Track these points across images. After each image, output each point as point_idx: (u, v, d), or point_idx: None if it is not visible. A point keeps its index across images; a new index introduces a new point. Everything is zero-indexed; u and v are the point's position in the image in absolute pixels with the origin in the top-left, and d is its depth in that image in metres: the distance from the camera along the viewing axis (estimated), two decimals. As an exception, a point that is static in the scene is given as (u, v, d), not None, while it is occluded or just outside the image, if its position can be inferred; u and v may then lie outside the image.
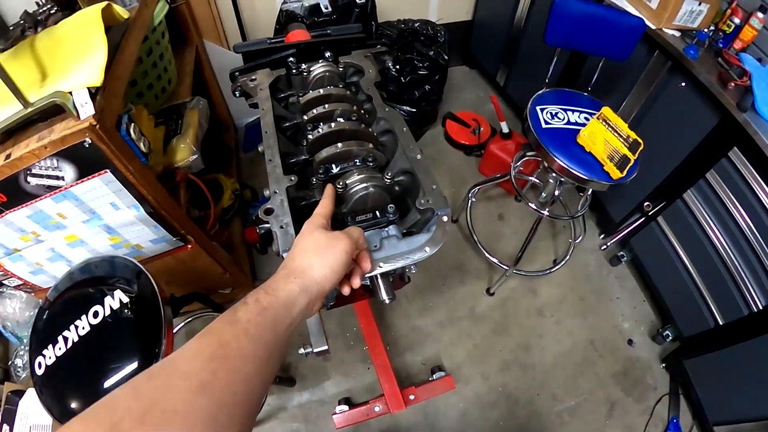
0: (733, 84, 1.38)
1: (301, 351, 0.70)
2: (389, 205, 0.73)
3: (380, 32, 2.12)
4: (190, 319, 1.87)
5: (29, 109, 0.88)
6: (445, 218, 0.72)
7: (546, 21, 1.57)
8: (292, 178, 0.75)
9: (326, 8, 1.86)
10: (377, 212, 0.74)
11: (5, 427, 1.37)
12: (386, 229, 0.73)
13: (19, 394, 1.42)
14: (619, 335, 1.92)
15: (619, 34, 1.54)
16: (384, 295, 0.69)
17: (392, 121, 0.87)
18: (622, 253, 2.06)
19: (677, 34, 1.59)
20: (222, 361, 0.40)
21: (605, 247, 2.14)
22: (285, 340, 0.48)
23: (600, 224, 2.24)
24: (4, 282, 1.29)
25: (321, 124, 0.83)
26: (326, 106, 0.85)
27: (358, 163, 0.79)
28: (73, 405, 0.94)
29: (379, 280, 0.69)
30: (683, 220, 1.63)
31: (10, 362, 1.84)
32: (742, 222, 1.41)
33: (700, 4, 1.53)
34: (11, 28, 1.34)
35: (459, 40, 2.83)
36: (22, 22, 1.32)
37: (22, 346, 1.83)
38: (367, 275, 0.66)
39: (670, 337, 1.82)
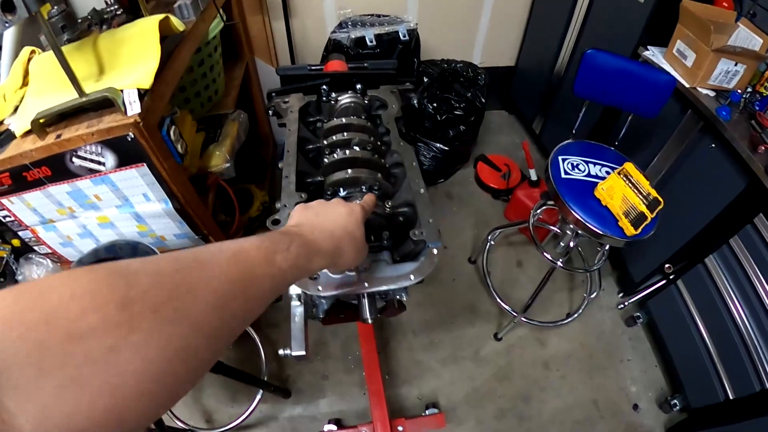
0: (763, 148, 1.35)
1: (281, 352, 0.74)
2: (384, 231, 0.78)
3: (421, 69, 2.21)
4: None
5: (83, 99, 0.98)
6: (435, 251, 0.76)
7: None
8: (303, 195, 0.81)
9: (371, 42, 1.96)
10: (372, 237, 0.78)
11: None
12: (379, 254, 0.78)
13: None
14: (625, 398, 1.86)
15: (647, 91, 1.55)
16: (366, 315, 0.73)
17: (404, 155, 0.93)
18: (638, 314, 2.02)
19: (712, 93, 1.58)
20: (244, 296, 0.42)
21: (622, 306, 2.10)
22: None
23: (620, 282, 2.20)
24: (35, 248, 1.41)
25: (338, 149, 0.90)
26: (345, 134, 0.92)
27: (364, 190, 0.84)
28: None
29: (365, 300, 0.74)
30: (703, 286, 1.60)
31: None
32: (763, 293, 1.37)
33: (736, 65, 1.52)
34: (79, 21, 1.49)
35: (501, 84, 2.89)
36: (89, 17, 1.47)
37: None
38: (352, 292, 0.71)
39: (678, 407, 1.75)
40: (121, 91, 1.01)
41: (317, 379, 1.83)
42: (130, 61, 1.10)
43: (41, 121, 1.00)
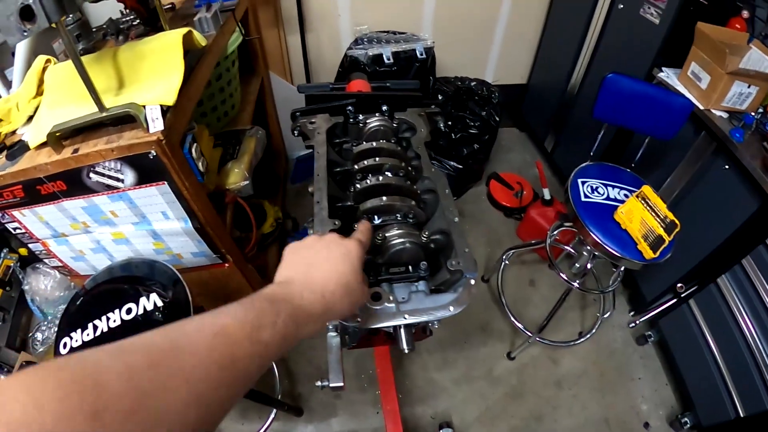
0: None
1: (318, 383, 0.73)
2: (422, 261, 0.77)
3: (437, 87, 2.22)
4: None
5: (104, 114, 0.96)
6: (472, 281, 0.75)
7: (595, 95, 1.62)
8: (336, 222, 0.80)
9: (388, 59, 1.98)
10: (410, 267, 0.78)
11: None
12: (416, 283, 0.77)
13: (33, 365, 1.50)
14: (636, 417, 1.85)
15: (665, 114, 1.57)
16: (404, 345, 0.72)
17: (436, 181, 0.92)
18: (649, 332, 2.01)
19: (725, 115, 1.59)
20: (228, 383, 0.38)
21: (633, 324, 2.10)
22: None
23: (631, 301, 2.20)
24: (45, 260, 1.38)
25: (370, 175, 0.89)
26: (377, 158, 0.92)
27: (398, 218, 0.84)
28: None
29: (402, 331, 0.73)
30: (715, 306, 1.60)
31: (30, 334, 1.91)
32: None
33: (749, 87, 1.54)
34: (94, 30, 1.46)
35: (512, 102, 2.91)
36: (104, 27, 1.45)
37: (45, 323, 1.90)
38: (392, 324, 0.70)
39: (689, 425, 1.75)
40: (143, 107, 0.99)
41: (330, 397, 1.82)
42: (152, 75, 1.08)
43: (57, 134, 0.98)
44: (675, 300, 1.85)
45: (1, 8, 0.75)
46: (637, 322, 2.08)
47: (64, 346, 1.04)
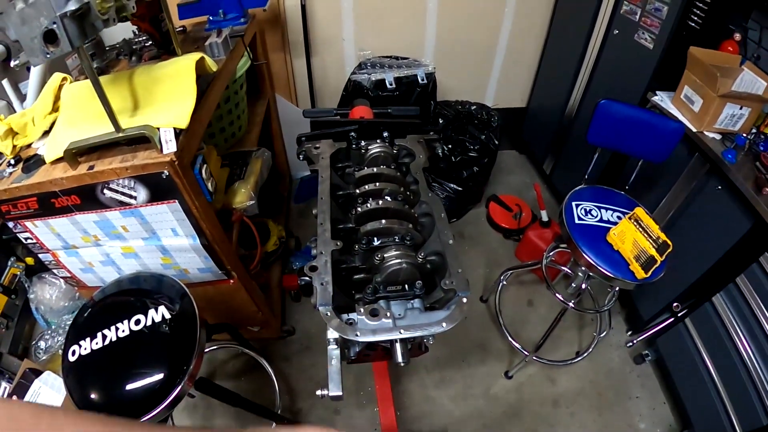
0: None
1: (318, 392, 0.77)
2: (418, 281, 0.82)
3: (437, 111, 2.29)
4: (214, 347, 1.97)
5: (120, 134, 1.01)
6: (464, 300, 0.80)
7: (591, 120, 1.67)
8: (338, 243, 0.86)
9: (391, 84, 2.04)
10: (406, 285, 0.83)
11: (14, 398, 1.45)
12: (412, 301, 0.82)
13: (37, 373, 1.52)
14: (634, 436, 1.87)
15: (657, 138, 1.61)
16: (399, 358, 0.77)
17: (432, 206, 0.98)
18: (647, 352, 2.03)
19: (718, 137, 1.62)
20: None
21: (631, 344, 2.12)
22: None
23: (629, 321, 2.22)
24: (54, 271, 1.41)
25: (370, 199, 0.95)
26: (377, 183, 0.97)
27: (396, 240, 0.89)
28: (93, 395, 1.05)
29: (397, 345, 0.77)
30: (710, 324, 1.62)
31: (33, 342, 1.95)
32: None
33: (741, 108, 1.56)
34: (107, 49, 1.53)
35: (512, 125, 2.97)
36: (118, 46, 1.51)
37: (49, 331, 1.94)
38: (388, 338, 0.74)
39: (687, 443, 1.76)
40: (158, 129, 1.04)
41: (329, 413, 1.84)
42: (166, 99, 1.14)
43: (74, 151, 1.03)
44: (672, 319, 1.87)
45: (26, 31, 0.79)
46: (635, 341, 2.10)
47: (73, 353, 1.09)
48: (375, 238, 0.89)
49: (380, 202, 0.92)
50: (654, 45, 1.81)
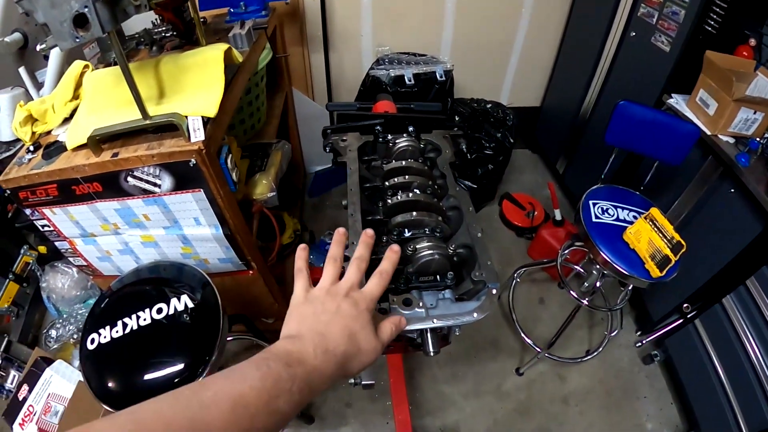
0: None
1: (351, 381, 0.79)
2: (449, 272, 0.83)
3: (454, 108, 2.30)
4: (230, 338, 1.98)
5: (147, 121, 1.01)
6: (494, 291, 0.81)
7: (607, 120, 1.68)
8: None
9: (409, 80, 2.05)
10: (437, 276, 0.84)
11: (24, 387, 1.46)
12: (443, 292, 0.83)
13: (48, 361, 1.51)
14: (642, 436, 1.88)
15: (673, 141, 1.63)
16: (430, 348, 0.78)
17: (461, 200, 0.99)
18: (656, 352, 2.05)
19: (731, 140, 1.64)
20: None
21: (640, 344, 2.13)
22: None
23: (638, 321, 2.24)
24: (70, 259, 1.39)
25: (400, 191, 0.96)
26: (406, 176, 0.99)
27: (427, 232, 0.90)
28: (111, 384, 1.04)
29: (429, 334, 0.79)
30: (720, 326, 1.64)
31: (44, 331, 1.94)
32: None
33: (755, 113, 1.58)
34: (127, 38, 1.52)
35: (526, 124, 2.98)
36: (137, 36, 1.50)
37: (60, 320, 1.93)
38: (420, 327, 0.76)
39: (694, 443, 1.78)
40: (186, 117, 1.05)
41: (341, 406, 1.86)
42: (193, 87, 1.14)
43: (98, 137, 1.03)
44: (681, 320, 1.88)
45: (56, 14, 0.77)
46: (644, 341, 2.11)
47: (92, 342, 1.08)
48: (406, 230, 0.90)
49: (410, 194, 0.93)
50: (670, 48, 1.82)
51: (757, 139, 1.62)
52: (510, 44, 2.61)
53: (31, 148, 1.13)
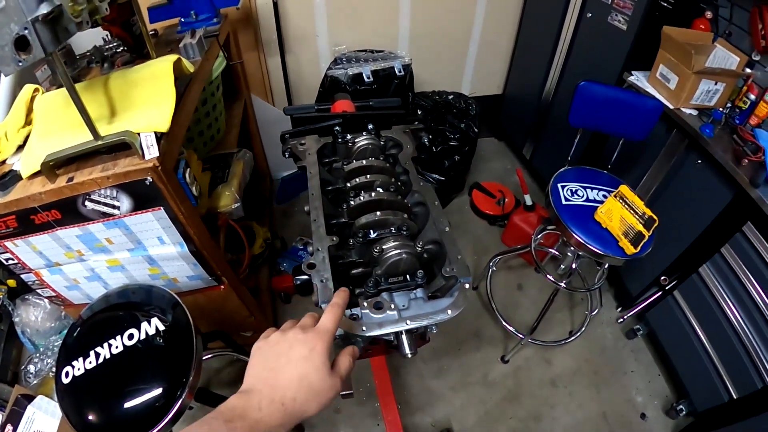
0: (746, 160, 1.44)
1: None
2: (418, 270, 0.81)
3: (416, 102, 2.28)
4: (209, 356, 1.93)
5: (99, 142, 0.97)
6: (467, 285, 0.79)
7: (570, 101, 1.69)
8: (334, 239, 0.84)
9: (368, 78, 2.03)
10: (407, 276, 0.82)
11: (9, 427, 1.40)
12: (414, 291, 0.81)
13: (29, 398, 1.46)
14: (632, 409, 1.90)
15: (637, 117, 1.64)
16: (407, 350, 0.76)
17: (425, 195, 0.97)
18: (638, 326, 2.07)
19: (695, 113, 1.66)
20: None
21: (622, 320, 2.16)
22: None
23: (618, 297, 2.26)
24: (38, 291, 1.35)
25: (362, 192, 0.93)
26: (368, 176, 0.96)
27: (393, 231, 0.88)
28: (91, 417, 1.01)
29: (404, 336, 0.76)
30: (699, 295, 1.66)
31: (22, 367, 1.88)
32: (756, 296, 1.43)
33: (716, 84, 1.61)
34: (78, 57, 1.47)
35: (489, 112, 2.99)
36: (88, 54, 1.45)
37: (37, 354, 1.87)
38: (394, 330, 0.73)
39: (684, 412, 1.80)
40: (138, 134, 1.01)
41: (330, 412, 1.83)
42: (144, 103, 1.10)
43: (51, 163, 0.98)
44: (660, 293, 1.91)
45: None
46: (625, 317, 2.14)
47: (66, 375, 1.05)
48: (371, 231, 0.87)
49: (373, 194, 0.91)
50: (627, 26, 1.84)
51: (720, 109, 1.64)
52: (468, 33, 2.60)
53: (-14, 180, 1.08)
